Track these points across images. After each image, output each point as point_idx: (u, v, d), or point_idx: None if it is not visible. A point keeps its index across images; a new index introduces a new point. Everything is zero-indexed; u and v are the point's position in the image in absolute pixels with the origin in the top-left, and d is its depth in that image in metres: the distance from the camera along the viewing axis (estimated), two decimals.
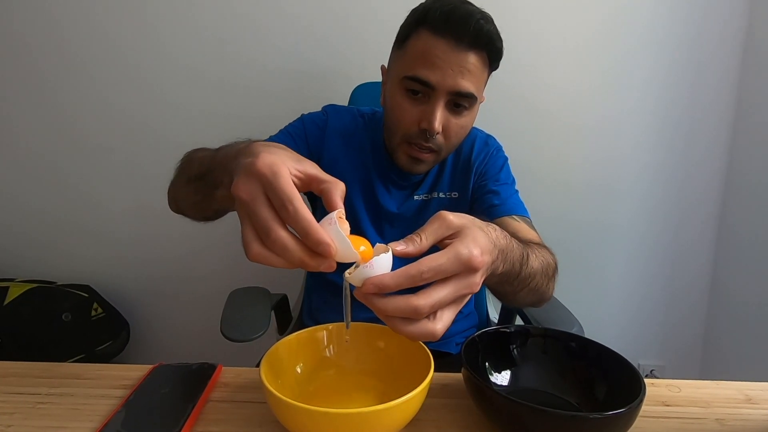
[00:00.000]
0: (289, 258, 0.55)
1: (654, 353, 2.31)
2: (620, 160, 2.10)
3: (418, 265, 0.57)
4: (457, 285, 0.60)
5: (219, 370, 0.87)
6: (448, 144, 1.15)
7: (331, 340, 0.86)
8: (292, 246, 0.55)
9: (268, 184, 0.56)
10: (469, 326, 1.41)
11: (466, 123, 1.15)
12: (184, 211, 1.03)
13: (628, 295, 2.25)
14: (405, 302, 0.57)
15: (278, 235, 0.55)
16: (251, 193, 0.56)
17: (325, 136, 1.30)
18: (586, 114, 2.05)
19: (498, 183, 1.27)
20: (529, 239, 1.02)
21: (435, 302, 0.58)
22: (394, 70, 1.16)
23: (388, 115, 1.19)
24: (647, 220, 2.17)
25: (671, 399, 0.83)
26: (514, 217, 1.18)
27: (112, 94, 2.03)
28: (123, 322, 2.17)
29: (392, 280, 0.57)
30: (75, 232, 2.18)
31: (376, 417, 0.61)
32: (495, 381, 0.82)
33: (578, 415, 0.69)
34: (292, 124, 1.32)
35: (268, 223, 0.55)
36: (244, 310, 1.22)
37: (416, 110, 1.11)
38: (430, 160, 1.17)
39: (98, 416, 0.74)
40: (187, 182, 0.94)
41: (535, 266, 0.87)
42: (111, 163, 2.11)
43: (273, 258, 0.56)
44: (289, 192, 0.55)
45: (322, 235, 0.54)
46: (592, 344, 0.81)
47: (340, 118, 1.33)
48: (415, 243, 0.61)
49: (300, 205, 0.55)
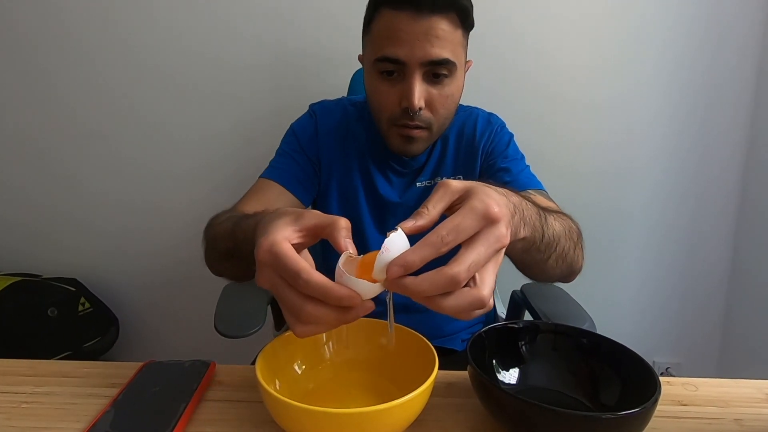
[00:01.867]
0: (327, 323, 0.60)
1: (670, 350, 2.31)
2: (633, 142, 2.09)
3: (436, 231, 0.56)
4: (486, 240, 0.58)
5: (213, 367, 0.87)
6: (437, 117, 1.15)
7: (331, 337, 0.86)
8: (324, 314, 0.58)
9: (275, 267, 0.59)
10: (475, 322, 1.41)
11: (451, 91, 1.15)
12: (225, 277, 1.10)
13: (642, 287, 2.25)
14: (439, 274, 0.55)
15: (308, 311, 0.58)
16: (269, 281, 0.60)
17: (318, 138, 1.31)
18: (596, 93, 2.04)
19: (507, 159, 1.27)
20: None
21: (470, 264, 0.56)
22: (366, 56, 1.18)
23: (371, 102, 1.21)
24: (662, 205, 2.16)
25: (688, 398, 0.83)
26: (528, 191, 1.17)
27: (106, 78, 2.04)
28: (112, 318, 2.18)
29: (415, 254, 0.55)
30: (62, 223, 2.19)
31: (377, 417, 0.61)
32: (503, 379, 0.82)
33: (590, 415, 0.69)
34: (286, 141, 1.34)
35: (296, 304, 0.58)
36: (240, 304, 1.22)
37: (394, 91, 1.12)
38: (423, 137, 1.17)
39: (85, 416, 0.74)
40: (220, 259, 1.01)
41: (557, 228, 0.86)
42: (102, 151, 2.11)
43: (319, 328, 0.61)
44: (293, 267, 0.57)
45: (341, 292, 0.56)
46: (604, 341, 0.81)
47: (330, 116, 1.35)
48: (423, 215, 0.60)
49: (308, 275, 0.57)
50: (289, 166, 1.27)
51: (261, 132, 2.02)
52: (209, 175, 2.09)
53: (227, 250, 0.92)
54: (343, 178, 1.31)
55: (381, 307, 1.19)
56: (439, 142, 1.31)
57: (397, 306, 0.68)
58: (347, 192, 1.31)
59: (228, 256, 0.94)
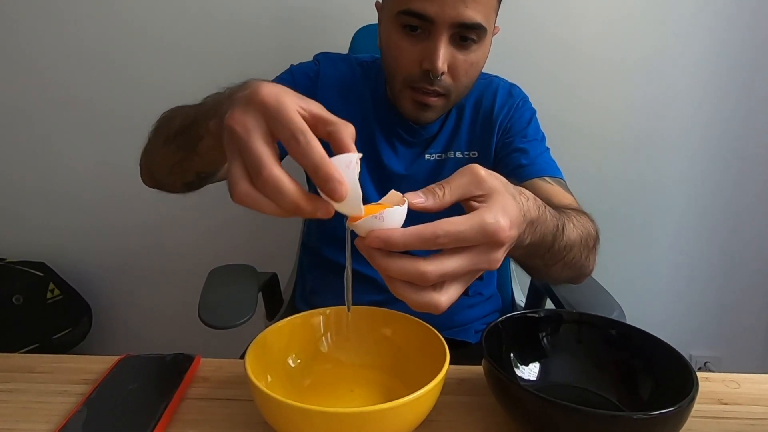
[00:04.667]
0: (282, 200, 0.55)
1: (708, 342, 2.31)
2: (668, 107, 2.07)
3: (434, 227, 0.57)
4: (475, 258, 0.59)
5: (197, 362, 0.87)
6: (457, 85, 1.15)
7: (330, 327, 0.87)
8: (287, 186, 0.55)
9: (273, 115, 0.56)
10: (490, 311, 1.41)
11: (477, 59, 1.14)
12: (160, 181, 1.04)
13: (678, 272, 2.25)
14: (412, 265, 0.57)
15: (271, 172, 0.55)
16: (247, 124, 0.56)
17: (317, 88, 1.29)
18: (626, 52, 2.01)
19: (526, 140, 1.26)
20: (566, 204, 1.01)
21: (445, 272, 0.58)
22: (387, 4, 1.15)
23: (386, 58, 1.19)
24: (700, 178, 2.14)
25: (728, 396, 0.83)
26: (545, 178, 1.17)
27: (80, 35, 2.01)
28: (84, 306, 2.18)
29: (401, 238, 0.56)
30: (28, 198, 2.18)
31: (381, 417, 0.62)
32: (521, 375, 0.83)
33: (619, 415, 0.69)
34: (280, 77, 1.32)
35: (262, 159, 0.55)
36: (227, 291, 1.23)
37: (416, 49, 1.10)
38: (438, 105, 1.17)
39: (55, 416, 0.75)
40: (165, 143, 0.94)
41: (573, 237, 0.87)
42: (76, 116, 2.09)
43: (262, 200, 0.56)
44: (298, 122, 0.55)
45: (335, 171, 0.54)
46: (635, 331, 0.81)
47: (335, 67, 1.33)
48: (435, 196, 0.61)
49: (312, 136, 0.55)
50: None
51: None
52: None
53: (183, 125, 0.87)
54: None
55: (381, 296, 1.19)
56: (453, 111, 1.30)
57: None
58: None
59: (182, 131, 0.87)
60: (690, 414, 0.65)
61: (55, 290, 2.08)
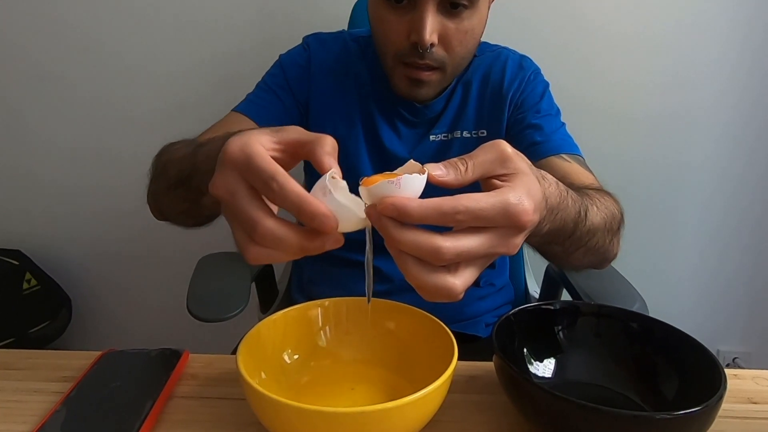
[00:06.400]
0: (287, 248, 0.57)
1: (737, 337, 2.31)
2: (694, 82, 2.05)
3: (454, 201, 0.56)
4: (494, 240, 0.59)
5: (185, 357, 0.87)
6: (452, 56, 1.14)
7: (328, 320, 0.87)
8: (285, 233, 0.57)
9: (244, 169, 0.57)
10: (502, 302, 1.42)
11: (471, 26, 1.13)
12: (173, 221, 1.08)
13: (704, 260, 2.25)
14: (427, 239, 0.56)
15: (265, 226, 0.56)
16: (229, 187, 0.58)
17: (309, 75, 1.30)
18: (649, 24, 1.99)
19: (539, 115, 1.26)
20: (586, 184, 1.01)
21: (462, 251, 0.57)
22: None
23: (375, 34, 1.20)
24: (728, 159, 2.13)
25: (759, 394, 0.83)
26: (562, 156, 1.17)
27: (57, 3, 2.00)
28: (63, 297, 2.19)
29: (418, 209, 0.55)
30: (2, 180, 2.17)
31: (384, 417, 0.62)
32: (535, 372, 0.83)
33: (641, 415, 0.69)
34: (270, 73, 1.33)
35: (252, 218, 0.57)
36: (218, 281, 1.23)
37: (402, 21, 1.10)
38: (433, 80, 1.17)
39: (31, 416, 0.75)
40: (167, 189, 0.98)
41: (596, 222, 0.86)
42: (53, 92, 2.08)
43: (273, 254, 0.59)
44: (268, 169, 0.56)
45: (317, 207, 0.55)
46: (658, 325, 0.81)
47: (326, 49, 1.33)
48: (458, 171, 0.60)
49: (284, 179, 0.56)
50: (270, 103, 1.27)
51: (243, 70, 1.95)
52: (181, 121, 2.03)
53: (180, 176, 0.90)
54: (339, 126, 1.30)
55: (385, 286, 1.18)
56: (459, 87, 1.30)
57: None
58: (345, 144, 1.30)
59: (179, 183, 0.91)
60: (717, 414, 0.65)
61: (32, 280, 2.08)
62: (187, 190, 0.88)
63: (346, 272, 1.27)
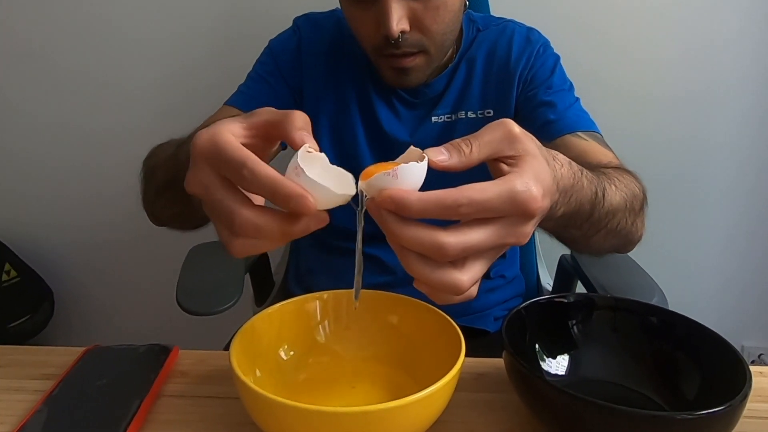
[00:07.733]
0: (269, 235, 0.57)
1: (763, 332, 2.31)
2: (717, 58, 2.03)
3: (457, 194, 0.55)
4: (502, 231, 0.58)
5: (175, 354, 0.88)
6: (430, 36, 1.14)
7: (327, 314, 0.87)
8: (264, 221, 0.57)
9: (214, 161, 0.58)
10: (513, 295, 1.42)
11: (443, 1, 1.12)
12: (167, 225, 1.10)
13: (726, 249, 2.24)
14: (429, 235, 0.56)
15: (243, 216, 0.57)
16: (202, 181, 0.59)
17: (301, 60, 1.31)
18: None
19: (551, 91, 1.25)
20: (605, 163, 1.00)
21: (468, 246, 0.56)
22: None
23: (353, 32, 1.21)
24: (753, 139, 2.11)
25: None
26: (578, 134, 1.16)
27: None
28: (45, 290, 2.19)
29: (418, 202, 0.55)
30: None
31: (386, 417, 0.62)
32: (548, 369, 0.83)
33: (661, 415, 0.69)
34: (261, 61, 1.34)
35: (229, 208, 0.57)
36: (209, 272, 1.23)
37: (369, 15, 1.11)
38: (419, 64, 1.17)
39: (11, 416, 0.75)
40: (157, 193, 1.01)
41: (616, 201, 0.86)
42: (34, 67, 2.07)
43: (258, 243, 0.59)
44: (237, 157, 0.56)
45: (290, 187, 0.55)
46: (678, 319, 0.81)
47: (318, 30, 1.34)
48: (461, 153, 0.60)
49: (255, 164, 0.56)
50: (261, 93, 1.28)
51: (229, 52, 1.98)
52: (171, 94, 2.05)
53: (167, 179, 0.92)
54: (335, 111, 1.30)
55: (387, 277, 1.18)
56: (463, 64, 1.29)
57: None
58: (342, 129, 1.30)
59: (167, 186, 0.93)
60: (742, 414, 0.65)
61: (11, 271, 2.09)
62: (175, 192, 0.88)
63: (347, 262, 1.27)
